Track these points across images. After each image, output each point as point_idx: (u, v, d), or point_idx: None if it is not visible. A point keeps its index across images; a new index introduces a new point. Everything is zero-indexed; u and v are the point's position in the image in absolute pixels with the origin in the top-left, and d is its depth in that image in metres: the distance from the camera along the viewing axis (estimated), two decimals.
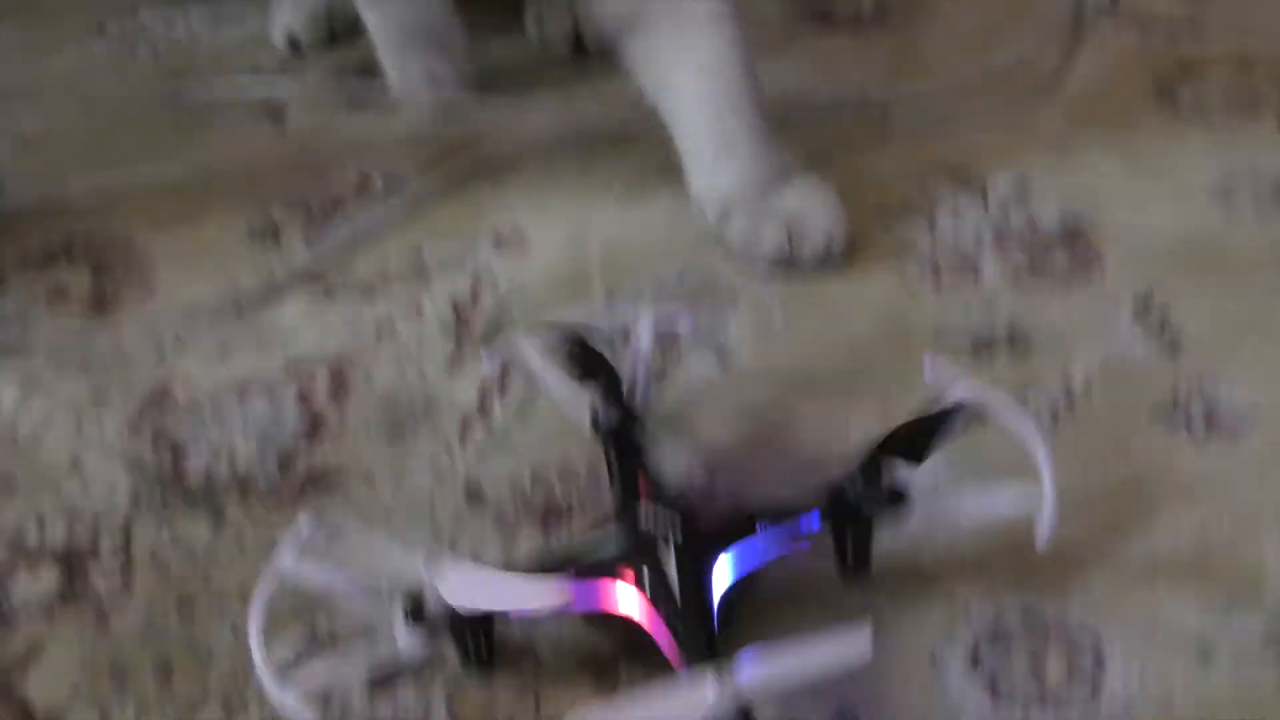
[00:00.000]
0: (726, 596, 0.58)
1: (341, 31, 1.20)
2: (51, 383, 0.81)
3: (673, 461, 0.70)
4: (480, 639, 0.58)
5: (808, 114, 1.00)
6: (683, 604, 0.55)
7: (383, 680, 0.60)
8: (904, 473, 0.60)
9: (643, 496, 0.61)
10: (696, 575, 0.57)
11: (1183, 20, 1.07)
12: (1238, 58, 1.00)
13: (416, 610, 0.57)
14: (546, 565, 0.58)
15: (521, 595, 0.57)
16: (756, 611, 0.60)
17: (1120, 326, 0.76)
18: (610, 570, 0.58)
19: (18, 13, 1.33)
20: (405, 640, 0.58)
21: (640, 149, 0.97)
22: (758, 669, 0.51)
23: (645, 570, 0.57)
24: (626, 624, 0.58)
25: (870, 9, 1.15)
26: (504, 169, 0.98)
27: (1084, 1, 1.10)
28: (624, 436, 0.65)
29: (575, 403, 0.71)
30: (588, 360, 0.68)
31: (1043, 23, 1.09)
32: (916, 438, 0.60)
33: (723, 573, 0.58)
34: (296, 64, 1.18)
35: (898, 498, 0.58)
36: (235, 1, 1.31)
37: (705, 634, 0.55)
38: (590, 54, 1.08)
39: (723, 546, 0.58)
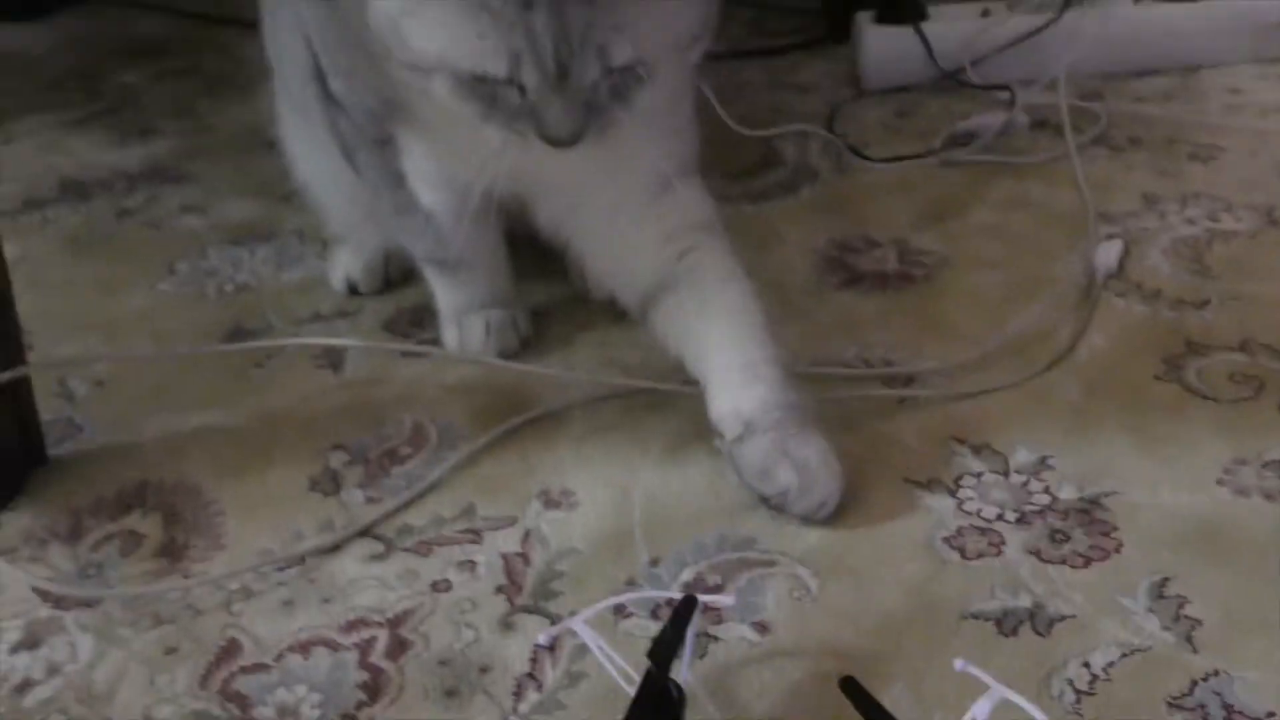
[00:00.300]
0: None
1: (397, 278, 1.29)
2: (126, 635, 0.86)
3: None
4: None
5: (835, 378, 1.07)
6: None
7: None
8: None
9: None
10: None
11: (1188, 295, 1.14)
12: (1240, 338, 1.07)
13: None
14: None
15: None
16: None
17: (1138, 613, 0.81)
18: None
19: (95, 250, 1.43)
20: None
21: (678, 408, 1.03)
22: None
23: None
24: None
25: (895, 271, 1.24)
26: (551, 425, 1.05)
27: (1095, 271, 1.18)
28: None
29: (625, 675, 0.76)
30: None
31: (1057, 290, 1.17)
32: None
33: None
34: (354, 306, 1.27)
35: None
36: (296, 244, 1.40)
37: None
38: None
39: None
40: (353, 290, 1.29)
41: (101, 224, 1.49)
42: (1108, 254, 1.20)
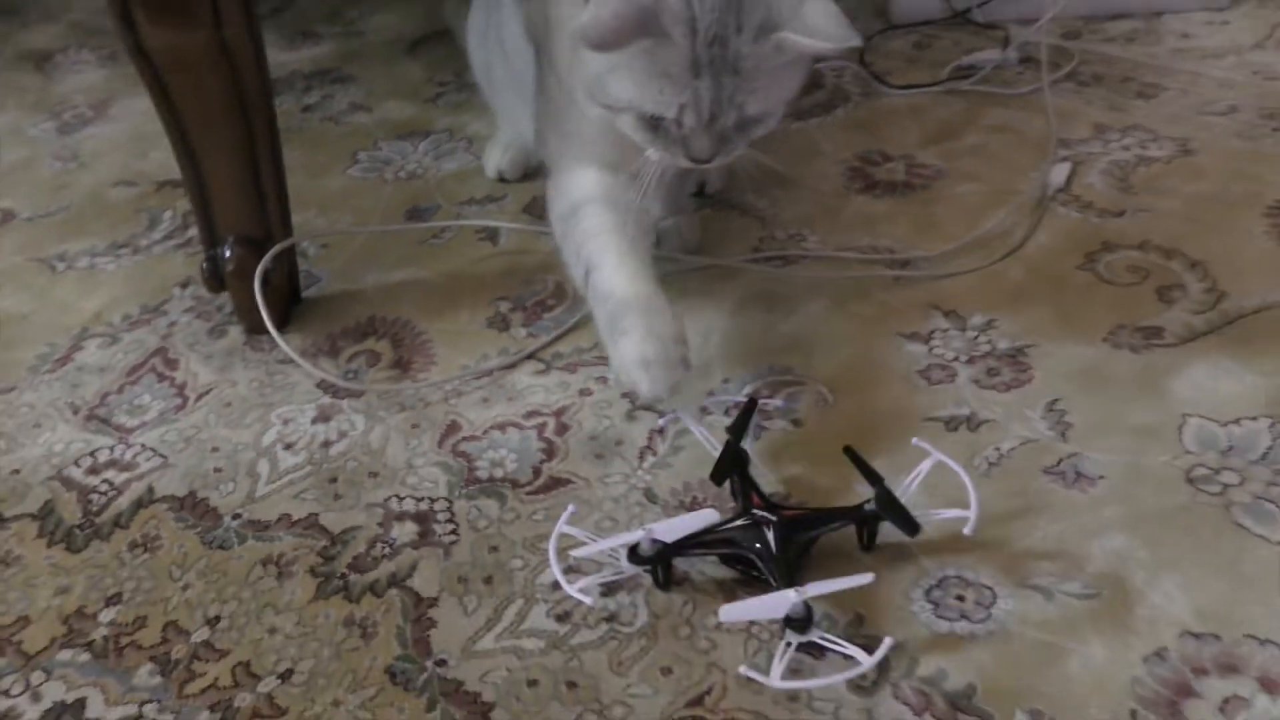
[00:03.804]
0: (800, 553, 1.09)
1: (537, 169, 1.71)
2: (383, 415, 1.33)
3: (766, 482, 1.21)
4: (664, 569, 1.09)
5: (852, 261, 1.51)
6: (777, 555, 1.07)
7: (612, 587, 1.11)
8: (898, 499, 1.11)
9: (756, 502, 1.12)
10: (784, 542, 1.07)
11: (1111, 206, 1.57)
12: (1140, 240, 1.50)
13: (633, 553, 1.09)
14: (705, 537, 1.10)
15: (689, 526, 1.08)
16: (813, 561, 1.11)
17: (1035, 419, 1.26)
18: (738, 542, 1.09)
19: (292, 140, 1.85)
20: (626, 568, 1.09)
21: (740, 279, 1.48)
22: (814, 588, 1.02)
23: (757, 539, 1.08)
24: (746, 565, 1.09)
25: (902, 181, 1.67)
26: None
27: (1048, 186, 1.60)
28: (743, 471, 1.16)
29: (713, 446, 1.23)
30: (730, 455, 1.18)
31: (1019, 200, 1.60)
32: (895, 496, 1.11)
33: (797, 542, 1.09)
34: (500, 193, 1.70)
35: (897, 515, 1.09)
36: (448, 140, 1.84)
37: (787, 571, 1.06)
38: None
39: (797, 529, 1.09)
40: (501, 178, 1.72)
41: (292, 118, 1.92)
42: (1059, 173, 1.62)
